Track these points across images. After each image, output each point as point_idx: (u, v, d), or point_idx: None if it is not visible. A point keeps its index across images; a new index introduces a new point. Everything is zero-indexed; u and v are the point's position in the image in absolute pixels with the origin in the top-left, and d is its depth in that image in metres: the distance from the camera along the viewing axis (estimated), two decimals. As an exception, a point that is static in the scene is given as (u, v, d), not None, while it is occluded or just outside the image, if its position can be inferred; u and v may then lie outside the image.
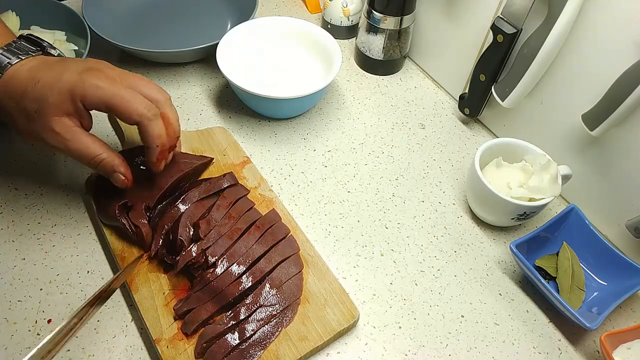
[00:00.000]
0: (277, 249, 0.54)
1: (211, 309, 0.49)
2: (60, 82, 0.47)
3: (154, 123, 0.49)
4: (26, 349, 0.49)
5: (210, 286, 0.50)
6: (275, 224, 0.56)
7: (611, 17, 0.52)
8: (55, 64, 0.49)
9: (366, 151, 0.69)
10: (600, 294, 0.56)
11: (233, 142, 0.66)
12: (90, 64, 0.49)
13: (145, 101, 0.48)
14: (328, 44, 0.72)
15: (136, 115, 0.48)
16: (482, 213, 0.61)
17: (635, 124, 0.53)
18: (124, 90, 0.48)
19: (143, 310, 0.50)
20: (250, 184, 0.61)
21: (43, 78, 0.47)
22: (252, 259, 0.52)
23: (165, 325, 0.49)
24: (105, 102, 0.47)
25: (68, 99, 0.47)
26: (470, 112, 0.72)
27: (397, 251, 0.59)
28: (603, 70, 0.54)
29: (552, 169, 0.56)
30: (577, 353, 0.53)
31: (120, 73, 0.50)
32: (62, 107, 0.47)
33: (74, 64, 0.48)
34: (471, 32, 0.69)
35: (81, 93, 0.47)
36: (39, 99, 0.47)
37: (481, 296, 0.56)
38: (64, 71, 0.47)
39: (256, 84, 0.66)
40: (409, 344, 0.52)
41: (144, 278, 0.52)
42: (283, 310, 0.50)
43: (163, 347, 0.48)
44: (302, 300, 0.52)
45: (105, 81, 0.47)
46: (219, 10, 0.84)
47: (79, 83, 0.47)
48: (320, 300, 0.52)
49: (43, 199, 0.60)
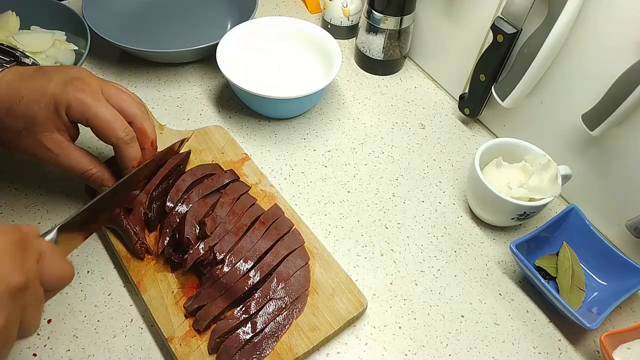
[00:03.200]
0: (282, 242, 0.54)
1: (222, 304, 0.50)
2: (45, 96, 0.46)
3: (130, 147, 0.50)
4: (26, 348, 0.49)
5: (220, 282, 0.50)
6: (278, 218, 0.56)
7: (611, 17, 0.52)
8: (36, 76, 0.48)
9: (366, 151, 0.69)
10: (600, 294, 0.56)
11: (230, 139, 0.66)
12: (72, 73, 0.49)
13: (124, 124, 0.49)
14: (328, 44, 0.72)
15: (114, 139, 0.49)
16: (482, 213, 0.61)
17: (635, 124, 0.53)
18: (105, 109, 0.48)
19: (153, 310, 0.50)
20: (251, 180, 0.62)
21: (26, 94, 0.46)
22: (259, 253, 0.53)
23: (176, 323, 0.49)
24: (87, 119, 0.48)
25: (54, 112, 0.47)
26: (470, 112, 0.72)
27: (397, 251, 0.59)
28: (603, 70, 0.54)
29: (552, 169, 0.56)
30: (577, 353, 0.53)
31: (102, 83, 0.50)
32: (51, 123, 0.47)
33: (55, 74, 0.48)
34: (471, 32, 0.69)
35: (66, 105, 0.47)
36: (26, 117, 0.46)
37: (481, 296, 0.56)
38: (47, 84, 0.47)
39: (256, 84, 0.66)
40: (409, 344, 0.52)
41: (152, 278, 0.52)
42: (293, 302, 0.51)
43: (176, 345, 0.48)
44: (310, 291, 0.52)
45: (89, 95, 0.48)
46: (219, 10, 0.84)
47: (64, 94, 0.47)
48: (329, 291, 0.53)
49: (43, 199, 0.60)
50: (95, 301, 0.52)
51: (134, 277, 0.52)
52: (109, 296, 0.53)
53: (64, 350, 0.49)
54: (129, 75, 0.75)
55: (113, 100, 0.50)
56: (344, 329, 0.52)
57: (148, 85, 0.74)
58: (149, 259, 0.54)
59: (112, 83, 0.51)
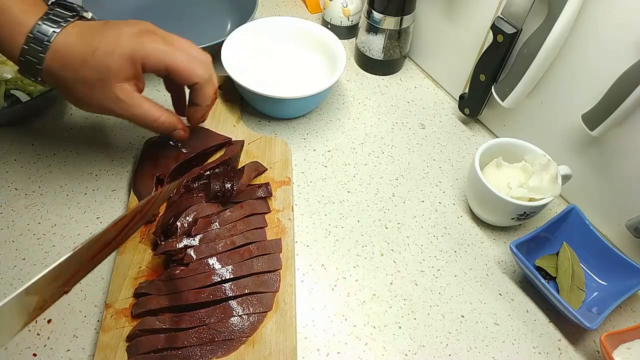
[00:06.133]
0: (256, 279, 0.51)
1: (163, 302, 0.49)
2: (119, 47, 0.47)
3: (210, 84, 0.53)
4: (26, 349, 0.49)
5: (174, 282, 0.50)
6: (272, 254, 0.54)
7: (611, 17, 0.52)
8: (105, 29, 0.49)
9: (366, 151, 0.69)
10: (600, 294, 0.56)
11: (286, 159, 0.64)
12: (140, 25, 0.50)
13: (202, 64, 0.52)
14: (332, 44, 0.72)
15: (196, 78, 0.51)
16: (482, 213, 0.61)
17: (635, 124, 0.53)
18: (180, 53, 0.50)
19: (115, 273, 0.51)
20: (276, 205, 0.59)
21: (100, 45, 0.47)
22: (225, 277, 0.50)
23: (122, 296, 0.50)
24: (167, 65, 0.49)
25: (129, 63, 0.48)
26: (470, 112, 0.72)
27: (397, 251, 0.59)
28: (603, 70, 0.54)
29: (552, 169, 0.56)
30: (577, 353, 0.53)
31: (168, 34, 0.52)
32: (124, 73, 0.48)
33: (125, 27, 0.49)
34: (471, 32, 0.69)
35: (142, 56, 0.48)
36: (100, 67, 0.47)
37: (481, 296, 0.56)
38: (119, 35, 0.48)
39: (260, 84, 0.66)
40: (409, 344, 0.52)
41: (134, 245, 0.53)
42: (224, 341, 0.47)
43: (107, 315, 0.49)
44: (249, 340, 0.48)
45: (163, 44, 0.49)
46: (219, 10, 0.84)
47: (139, 46, 0.48)
48: (265, 352, 0.47)
49: (43, 199, 0.60)
50: (95, 301, 0.52)
51: None
52: (109, 296, 0.53)
53: (64, 350, 0.49)
54: (129, 75, 0.75)
55: (183, 48, 0.51)
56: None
57: (148, 85, 0.73)
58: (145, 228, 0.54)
59: (174, 35, 0.52)
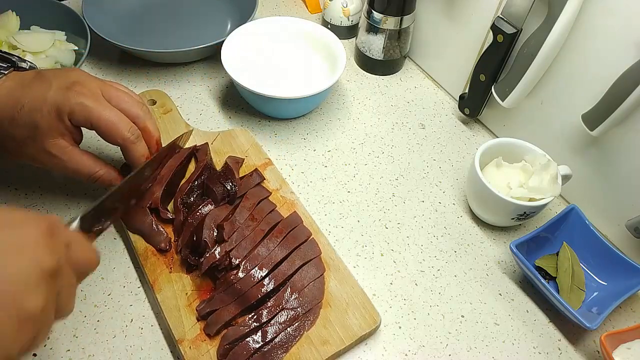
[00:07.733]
0: (298, 251, 0.54)
1: (234, 310, 0.49)
2: (46, 103, 0.46)
3: (137, 145, 0.51)
4: (26, 349, 0.49)
5: (234, 288, 0.50)
6: (296, 226, 0.56)
7: (611, 17, 0.52)
8: (35, 83, 0.48)
9: (366, 151, 0.69)
10: (600, 294, 0.56)
11: (254, 143, 0.65)
12: (71, 76, 0.49)
13: (129, 123, 0.49)
14: (332, 44, 0.72)
15: (120, 139, 0.49)
16: (482, 213, 0.61)
17: (635, 124, 0.53)
18: (108, 110, 0.48)
19: (166, 310, 0.50)
20: (272, 185, 0.61)
21: (27, 101, 0.46)
22: (274, 261, 0.52)
23: (188, 325, 0.49)
24: (92, 122, 0.48)
25: (56, 120, 0.47)
26: (470, 112, 0.72)
27: (397, 251, 0.59)
28: (603, 70, 0.54)
29: (552, 169, 0.56)
30: (577, 353, 0.53)
31: (101, 85, 0.50)
32: (55, 129, 0.47)
33: (54, 80, 0.48)
34: (471, 32, 0.69)
35: (68, 112, 0.47)
36: (28, 125, 0.46)
37: (481, 296, 0.56)
38: (47, 90, 0.47)
39: (260, 84, 0.66)
40: (409, 344, 0.52)
41: (167, 278, 0.52)
42: (305, 314, 0.50)
43: (186, 348, 0.48)
44: (324, 303, 0.52)
45: (90, 98, 0.47)
46: (219, 10, 0.84)
47: (66, 101, 0.46)
48: (342, 305, 0.52)
49: (43, 199, 0.60)
50: (95, 301, 0.52)
51: (150, 276, 0.52)
52: (109, 296, 0.53)
53: (64, 350, 0.49)
54: (129, 75, 0.75)
55: (114, 101, 0.50)
56: (356, 345, 0.51)
57: (148, 85, 0.74)
58: (165, 259, 0.54)
59: (111, 83, 0.51)
